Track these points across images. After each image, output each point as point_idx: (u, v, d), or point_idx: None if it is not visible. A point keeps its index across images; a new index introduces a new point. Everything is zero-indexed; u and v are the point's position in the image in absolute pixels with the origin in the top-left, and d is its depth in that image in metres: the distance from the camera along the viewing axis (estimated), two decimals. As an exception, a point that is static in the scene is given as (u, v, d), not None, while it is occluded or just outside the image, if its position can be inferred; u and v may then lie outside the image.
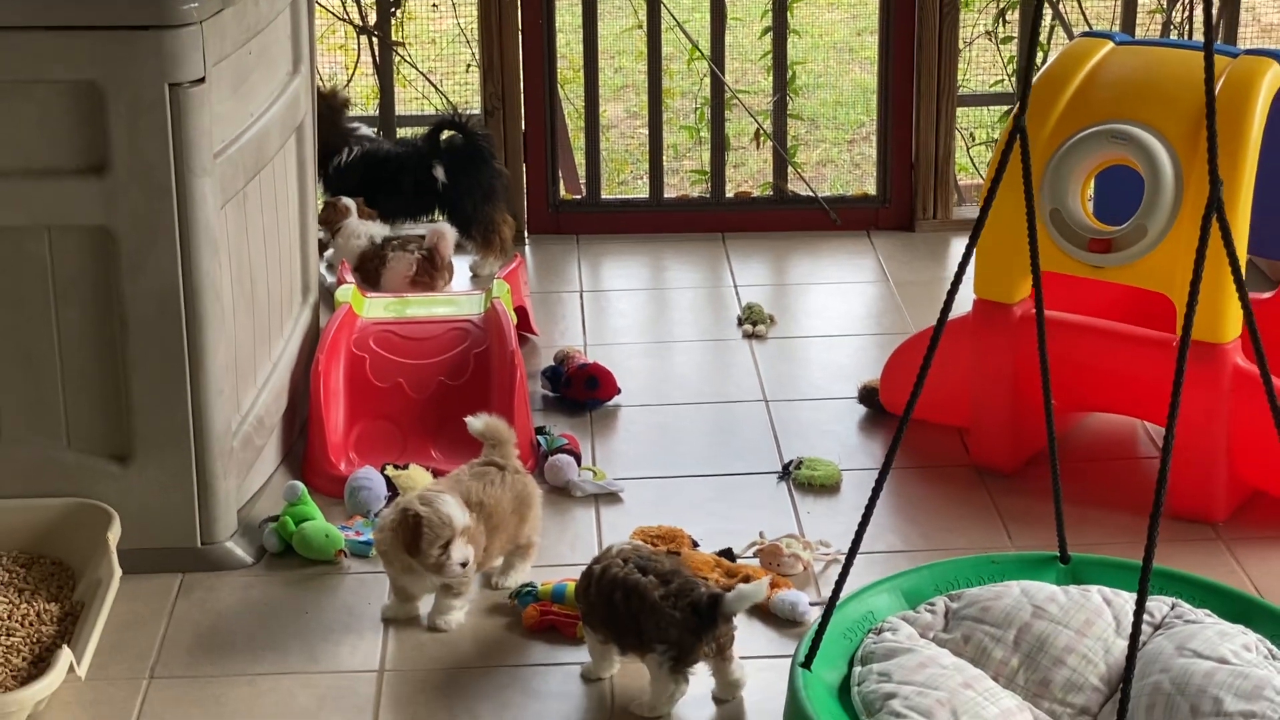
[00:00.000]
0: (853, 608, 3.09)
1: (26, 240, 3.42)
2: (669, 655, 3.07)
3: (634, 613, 3.09)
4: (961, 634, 3.02)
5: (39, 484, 3.55)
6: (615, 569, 3.15)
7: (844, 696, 2.90)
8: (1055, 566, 3.22)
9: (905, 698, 2.79)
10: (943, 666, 2.89)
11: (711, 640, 3.08)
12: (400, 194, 5.14)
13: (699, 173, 6.10)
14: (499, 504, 3.43)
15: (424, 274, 4.73)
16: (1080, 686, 2.91)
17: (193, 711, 3.16)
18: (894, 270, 5.25)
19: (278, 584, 3.58)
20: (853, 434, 4.24)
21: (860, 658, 2.97)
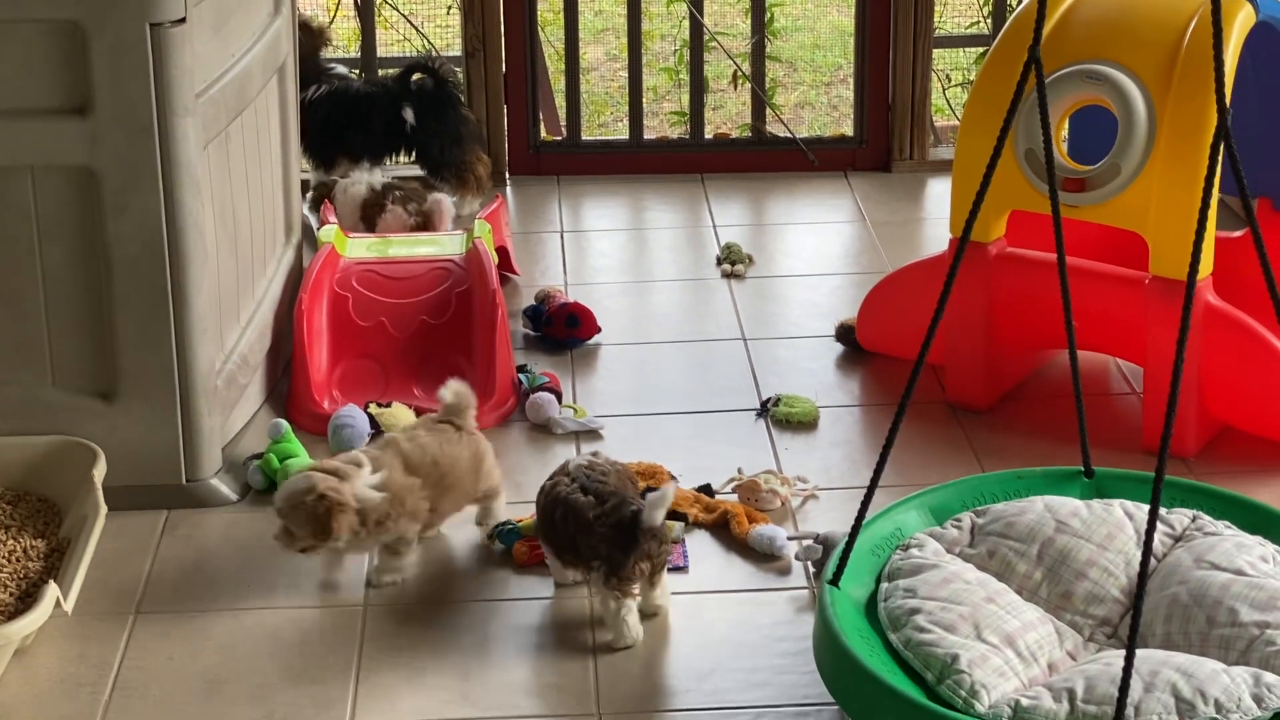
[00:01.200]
0: (881, 525, 3.15)
1: (10, 180, 3.44)
2: (601, 571, 3.16)
3: (571, 531, 3.19)
4: (986, 549, 3.09)
5: (24, 422, 3.58)
6: (562, 487, 3.23)
7: (871, 612, 2.96)
8: (1080, 481, 3.28)
9: (929, 613, 2.86)
10: (966, 582, 2.95)
11: (642, 558, 3.14)
12: (369, 133, 5.16)
13: (678, 114, 6.13)
14: (455, 462, 3.41)
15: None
16: (1101, 599, 2.98)
17: (179, 645, 3.20)
18: (871, 210, 5.29)
19: (262, 520, 3.61)
20: (829, 372, 4.29)
21: (887, 574, 3.04)
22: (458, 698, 3.05)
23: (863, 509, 3.01)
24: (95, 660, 3.14)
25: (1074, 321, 3.89)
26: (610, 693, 3.06)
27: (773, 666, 3.12)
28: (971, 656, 2.76)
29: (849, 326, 4.36)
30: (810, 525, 3.57)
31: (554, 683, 3.10)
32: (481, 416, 3.96)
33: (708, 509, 3.61)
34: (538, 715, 3.01)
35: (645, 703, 3.05)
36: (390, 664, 3.14)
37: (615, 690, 3.07)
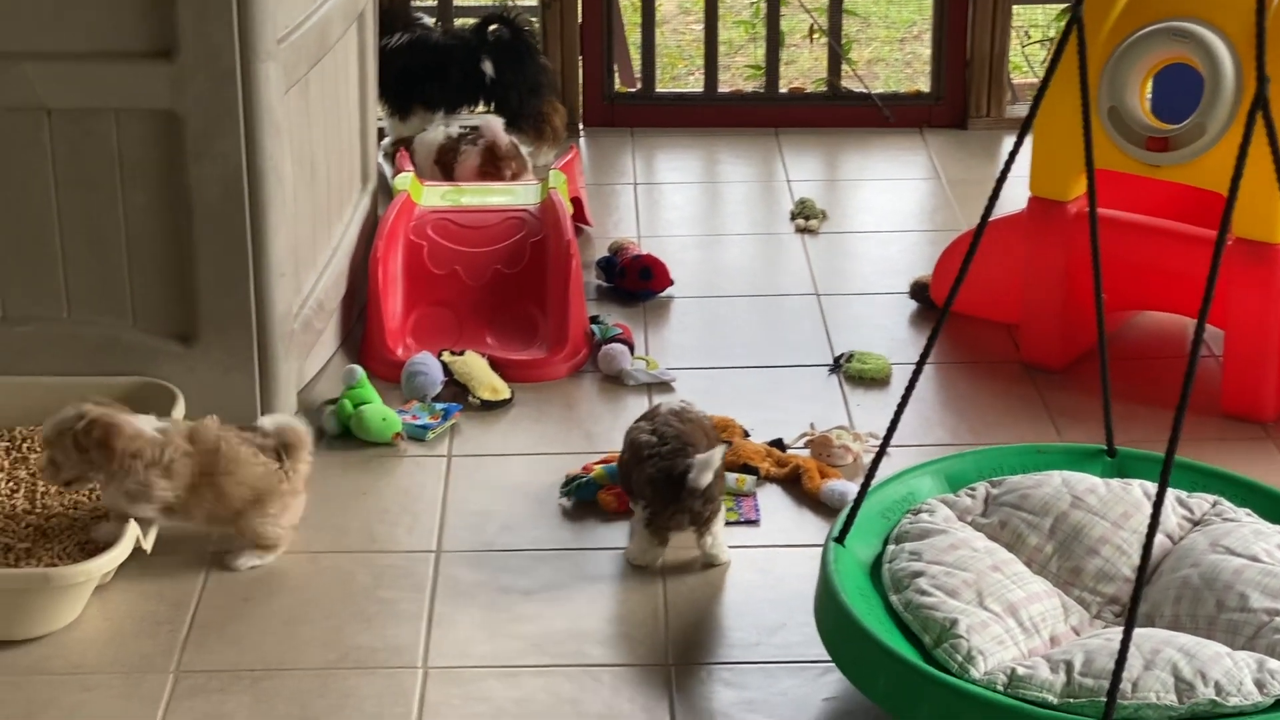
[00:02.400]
0: (894, 488, 3.15)
1: (94, 123, 3.47)
2: (645, 511, 3.21)
3: (627, 465, 3.27)
4: (999, 519, 3.07)
5: (105, 363, 3.62)
6: (641, 423, 3.31)
7: (875, 573, 2.96)
8: (1102, 459, 3.25)
9: (932, 576, 2.85)
10: (974, 549, 2.94)
11: (682, 512, 3.18)
12: (446, 84, 5.17)
13: (754, 68, 6.11)
14: (237, 466, 3.22)
15: (488, 165, 4.76)
16: (1112, 576, 2.95)
17: (254, 586, 3.23)
18: (946, 168, 5.26)
19: (336, 465, 3.65)
20: (903, 329, 4.28)
21: (895, 536, 3.03)
22: (529, 646, 3.07)
23: (872, 469, 3.00)
24: (173, 599, 3.18)
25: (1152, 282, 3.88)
26: (680, 643, 3.08)
27: (843, 621, 3.13)
28: (971, 622, 2.75)
29: (923, 284, 4.35)
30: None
31: (624, 632, 3.12)
32: (554, 367, 4.00)
33: (779, 463, 3.62)
34: (608, 664, 3.02)
35: (715, 654, 3.06)
36: (462, 611, 3.17)
37: (685, 641, 3.09)
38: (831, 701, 2.92)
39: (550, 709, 2.90)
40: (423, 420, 3.76)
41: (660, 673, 3.00)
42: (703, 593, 3.23)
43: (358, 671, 2.99)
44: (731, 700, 2.92)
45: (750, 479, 3.55)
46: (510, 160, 4.76)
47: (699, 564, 3.30)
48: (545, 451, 3.71)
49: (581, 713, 2.89)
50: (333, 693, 2.93)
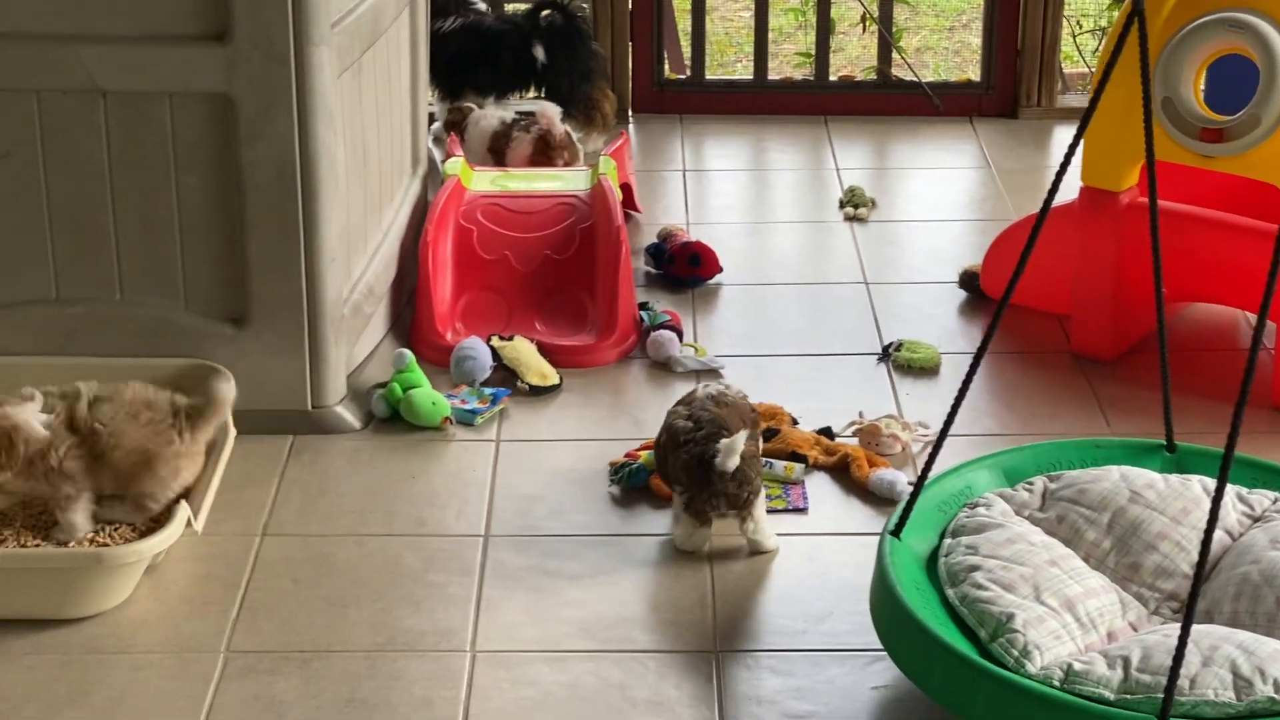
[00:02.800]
0: (951, 482, 3.13)
1: (149, 106, 3.49)
2: (682, 496, 3.23)
3: (664, 450, 3.28)
4: (1056, 514, 3.05)
5: (157, 345, 3.64)
6: (678, 408, 3.32)
7: (931, 566, 2.95)
8: (1161, 455, 3.22)
9: (989, 570, 2.84)
10: (1031, 544, 2.93)
11: (717, 496, 3.19)
12: (499, 69, 5.18)
13: (803, 55, 6.09)
14: (120, 439, 3.16)
15: (540, 153, 4.76)
16: (1170, 573, 2.93)
17: (303, 568, 3.25)
18: (996, 157, 5.24)
19: (385, 449, 3.66)
20: (952, 318, 4.27)
21: (951, 530, 3.02)
22: (576, 631, 3.08)
23: (929, 463, 2.99)
24: (223, 580, 3.20)
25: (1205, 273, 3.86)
26: (727, 631, 3.08)
27: (891, 610, 3.12)
28: (1027, 617, 2.74)
29: (973, 273, 4.33)
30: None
31: (671, 619, 3.12)
32: (602, 353, 4.00)
33: (828, 451, 3.61)
34: (655, 650, 3.03)
35: (762, 642, 3.06)
36: (510, 595, 3.17)
37: (732, 628, 3.09)
38: (879, 690, 2.92)
39: (598, 694, 2.91)
40: (471, 405, 3.77)
41: (707, 659, 3.00)
42: (750, 580, 3.23)
43: (406, 654, 3.00)
44: (778, 688, 2.93)
45: (798, 467, 3.55)
46: (563, 149, 4.77)
47: (746, 551, 3.30)
48: (593, 437, 3.71)
49: (629, 698, 2.90)
50: (381, 675, 2.95)
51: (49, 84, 3.46)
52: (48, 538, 3.17)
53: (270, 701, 2.87)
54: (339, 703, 2.87)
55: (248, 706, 2.86)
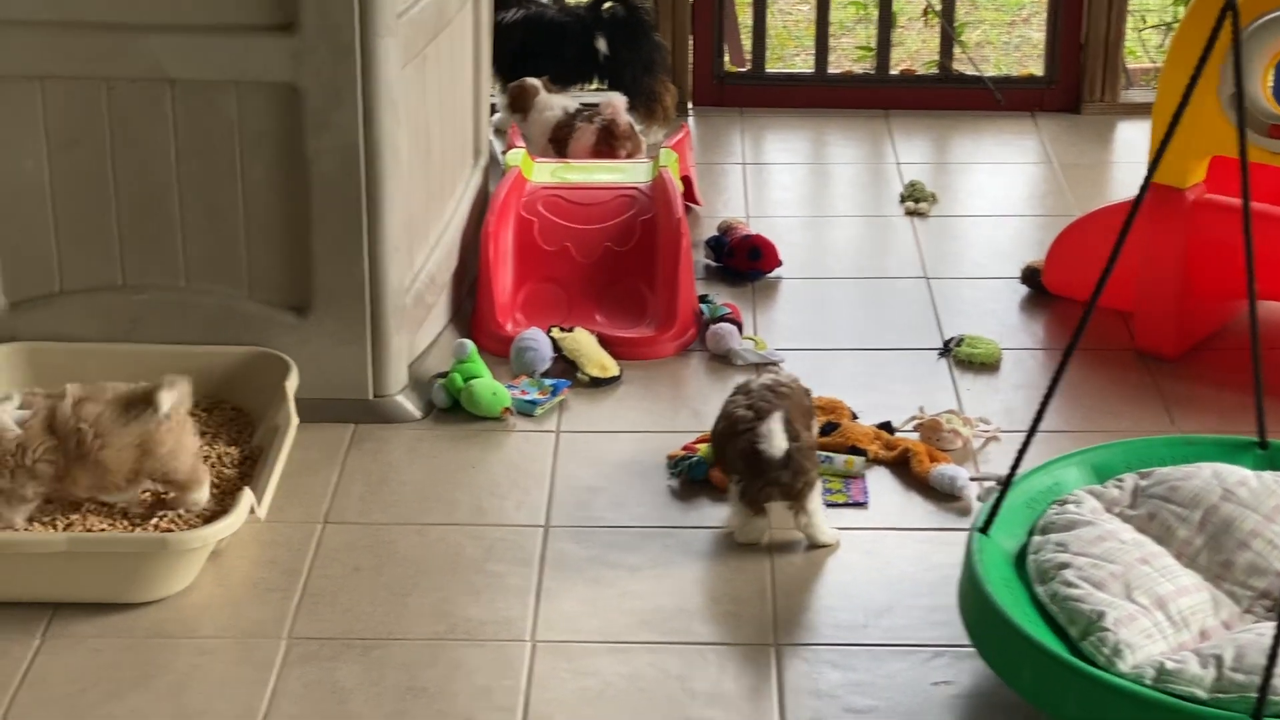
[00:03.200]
0: (1039, 479, 3.11)
1: (216, 96, 3.51)
2: (738, 485, 3.24)
3: (722, 439, 3.28)
4: (1147, 511, 3.02)
5: (220, 333, 3.66)
6: (737, 397, 3.32)
7: (1020, 564, 2.94)
8: (1253, 451, 3.18)
9: (1079, 568, 2.83)
10: (1121, 541, 2.91)
11: (771, 485, 3.19)
12: (561, 61, 5.18)
13: (863, 49, 6.08)
14: (107, 437, 3.14)
15: (603, 144, 4.77)
16: (1263, 570, 2.89)
17: (364, 556, 3.26)
18: (1058, 152, 5.22)
19: (445, 439, 3.68)
20: (1013, 314, 4.25)
21: (1040, 528, 3.00)
22: (636, 622, 3.08)
23: (1018, 459, 2.96)
24: (285, 566, 3.22)
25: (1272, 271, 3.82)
26: (787, 623, 3.08)
27: (951, 606, 3.09)
28: (1118, 615, 2.72)
29: (1035, 269, 4.31)
30: (991, 467, 3.54)
31: (731, 611, 3.12)
32: (662, 345, 4.01)
33: (888, 446, 3.61)
34: (714, 643, 3.03)
35: (822, 635, 3.06)
36: (570, 586, 3.18)
37: (791, 621, 3.09)
38: (941, 685, 2.91)
39: (657, 685, 2.91)
40: (531, 395, 3.78)
41: (766, 652, 3.00)
42: (809, 573, 3.23)
43: (466, 643, 3.02)
44: (838, 682, 2.92)
45: (859, 461, 3.54)
46: (626, 140, 4.77)
47: (805, 544, 3.30)
48: (653, 429, 3.72)
49: (689, 690, 2.90)
50: (442, 663, 2.96)
51: (118, 73, 3.49)
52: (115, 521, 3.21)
53: (332, 688, 2.89)
54: (399, 690, 2.89)
55: (310, 692, 2.88)
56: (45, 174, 3.57)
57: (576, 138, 4.76)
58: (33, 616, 3.04)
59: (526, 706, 2.86)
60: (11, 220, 3.61)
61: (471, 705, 2.86)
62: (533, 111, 4.86)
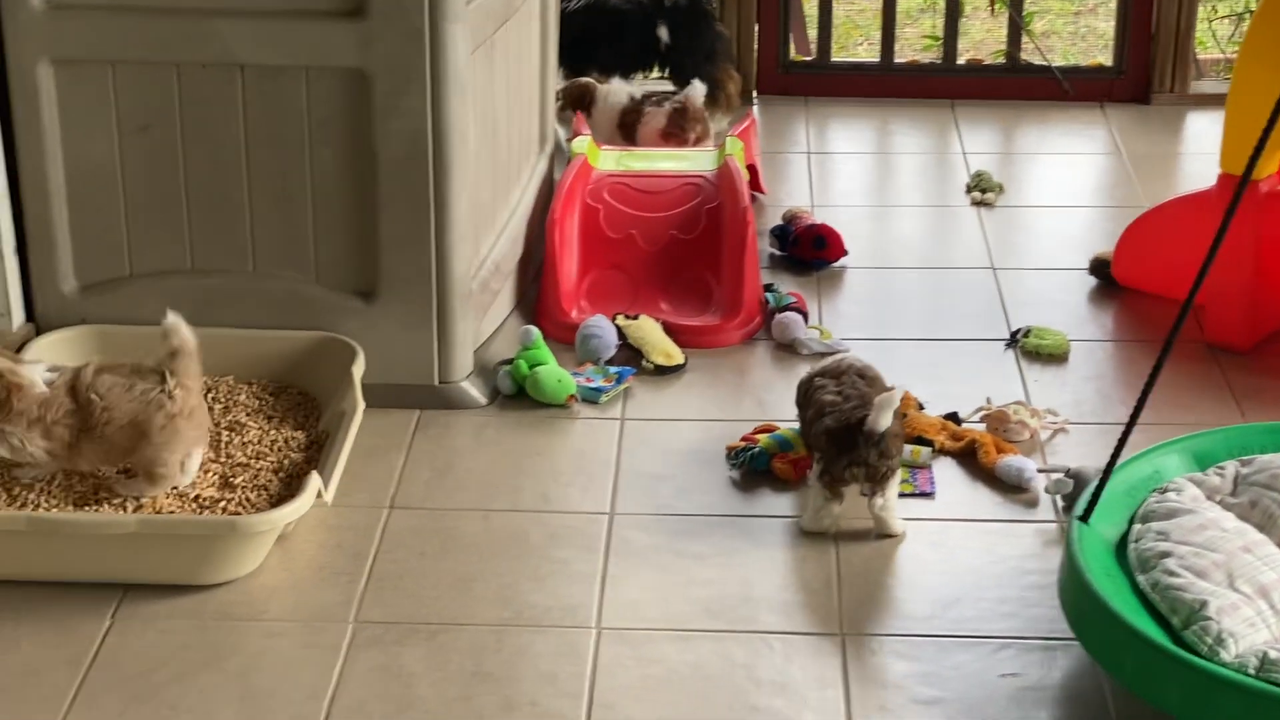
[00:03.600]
0: (1139, 466, 3.09)
1: (285, 81, 3.52)
2: (819, 462, 3.23)
3: (809, 417, 3.30)
4: (1249, 499, 2.99)
5: (288, 317, 3.68)
6: (825, 381, 3.33)
7: (1120, 552, 2.92)
8: None
9: (1181, 557, 2.80)
10: (1223, 530, 2.88)
11: (857, 465, 3.18)
12: (623, 49, 5.18)
13: (931, 38, 6.04)
14: (113, 413, 3.17)
15: (674, 125, 4.76)
16: None
17: (430, 541, 3.27)
18: (1127, 143, 5.18)
19: (510, 425, 3.68)
20: (1082, 305, 4.22)
21: (1141, 515, 2.98)
22: (701, 610, 3.07)
23: (1118, 447, 2.93)
24: (351, 550, 3.23)
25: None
26: (853, 614, 3.07)
27: (1019, 599, 3.10)
28: (1221, 604, 2.70)
29: (1104, 260, 4.28)
30: (1059, 459, 3.52)
31: (798, 600, 3.11)
32: (727, 333, 4.00)
33: (955, 437, 3.59)
34: (780, 632, 3.02)
35: (888, 626, 3.04)
36: (635, 573, 3.18)
37: (858, 612, 3.07)
38: (1008, 678, 2.90)
39: (723, 673, 2.91)
40: (597, 383, 3.78)
41: (833, 642, 2.99)
42: (876, 564, 3.22)
43: (531, 629, 3.02)
44: (905, 672, 2.91)
45: (925, 451, 3.52)
46: (697, 123, 4.76)
47: (872, 534, 3.28)
48: (718, 418, 3.71)
49: (754, 679, 2.89)
50: (507, 649, 2.96)
51: (188, 57, 3.51)
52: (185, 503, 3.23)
53: (398, 672, 2.90)
54: (465, 675, 2.89)
55: (376, 676, 2.89)
56: (116, 158, 3.60)
57: (646, 121, 4.76)
58: (103, 597, 3.07)
59: (591, 693, 2.86)
60: (83, 204, 3.63)
61: (536, 691, 2.86)
62: (598, 100, 4.86)
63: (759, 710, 2.82)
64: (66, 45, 3.51)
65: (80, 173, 3.61)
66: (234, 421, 3.49)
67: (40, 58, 3.51)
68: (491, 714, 2.80)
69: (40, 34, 3.49)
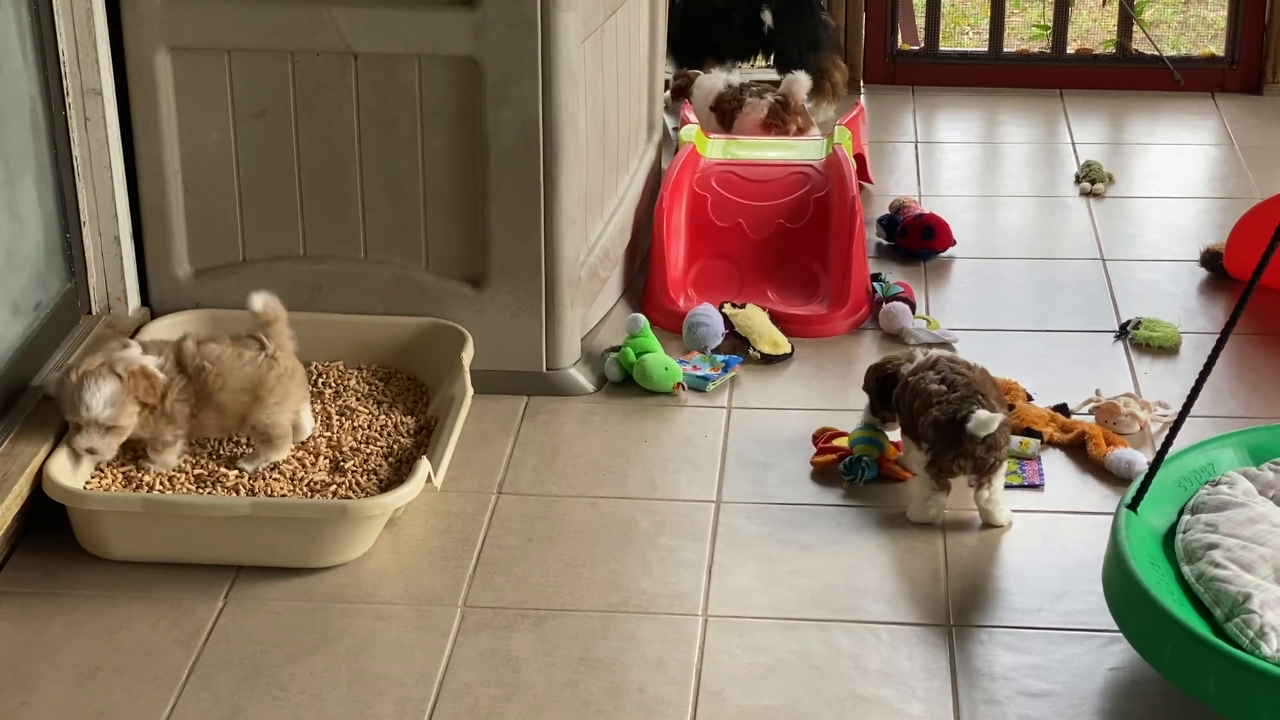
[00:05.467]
0: (1193, 458, 3.07)
1: (399, 69, 3.55)
2: (927, 455, 3.22)
3: (913, 407, 3.29)
4: None
5: (398, 303, 3.71)
6: (926, 374, 3.31)
7: (1169, 542, 2.90)
8: None
9: (1228, 550, 2.78)
10: (1273, 524, 2.85)
11: (964, 457, 3.18)
12: (727, 34, 5.18)
13: (1041, 27, 6.00)
14: (226, 378, 3.24)
15: (776, 118, 4.76)
16: None
17: (539, 526, 3.29)
18: (1239, 134, 5.12)
19: (617, 412, 3.69)
20: (1192, 297, 4.18)
21: (1191, 507, 2.96)
22: (808, 599, 3.07)
23: (1170, 437, 2.91)
24: (460, 536, 3.25)
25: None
26: (961, 605, 3.05)
27: (1129, 592, 3.07)
28: (1266, 598, 2.67)
29: (1215, 252, 4.24)
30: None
31: (904, 591, 3.10)
32: (835, 323, 3.99)
33: (1064, 429, 3.56)
34: (887, 622, 3.02)
35: (996, 617, 3.03)
36: (742, 561, 3.18)
37: (966, 603, 3.06)
38: (1116, 671, 2.87)
39: (829, 662, 2.90)
40: (703, 371, 3.78)
41: (940, 633, 2.98)
42: (983, 555, 3.20)
43: (639, 616, 3.03)
44: (1013, 664, 2.90)
45: (1034, 443, 3.50)
46: (798, 115, 4.75)
47: (979, 525, 3.27)
48: (824, 407, 3.70)
49: (861, 668, 2.89)
50: (614, 635, 2.97)
51: (303, 45, 3.55)
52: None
53: (506, 657, 2.92)
54: (573, 661, 2.91)
55: (485, 660, 2.91)
56: (231, 145, 3.64)
57: (746, 112, 4.76)
58: (217, 578, 3.11)
59: (699, 680, 2.87)
60: (198, 190, 3.68)
61: (644, 677, 2.87)
62: (694, 85, 4.86)
63: (865, 700, 2.81)
64: (184, 34, 3.55)
65: (196, 160, 3.66)
66: (344, 406, 3.52)
67: (158, 46, 3.56)
68: (599, 700, 2.81)
69: (158, 23, 3.54)
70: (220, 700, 2.81)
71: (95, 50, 3.52)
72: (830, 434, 3.52)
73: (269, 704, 2.80)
